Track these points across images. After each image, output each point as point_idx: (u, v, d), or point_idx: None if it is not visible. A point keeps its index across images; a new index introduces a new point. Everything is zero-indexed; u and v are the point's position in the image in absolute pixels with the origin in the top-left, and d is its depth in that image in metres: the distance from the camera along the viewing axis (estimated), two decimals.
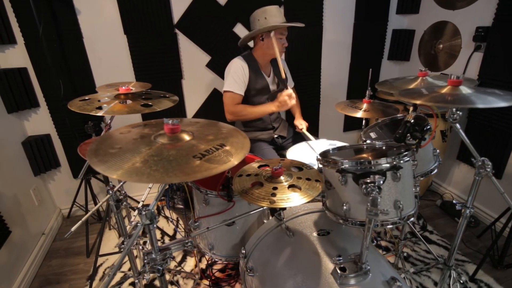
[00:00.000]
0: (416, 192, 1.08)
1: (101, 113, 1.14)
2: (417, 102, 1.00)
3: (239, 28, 2.20)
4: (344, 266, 0.96)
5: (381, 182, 0.92)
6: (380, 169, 0.96)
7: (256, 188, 1.02)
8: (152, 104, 1.19)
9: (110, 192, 1.10)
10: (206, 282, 1.67)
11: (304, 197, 0.96)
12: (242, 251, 1.23)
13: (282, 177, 1.06)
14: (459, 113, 1.07)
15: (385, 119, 1.52)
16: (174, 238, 2.07)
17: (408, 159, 1.00)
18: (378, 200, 0.85)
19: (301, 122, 2.02)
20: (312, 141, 1.84)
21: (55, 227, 2.23)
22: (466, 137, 1.10)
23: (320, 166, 1.14)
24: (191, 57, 2.20)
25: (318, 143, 1.81)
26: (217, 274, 1.74)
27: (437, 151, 1.33)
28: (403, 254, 1.81)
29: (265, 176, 1.08)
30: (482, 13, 1.94)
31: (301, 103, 2.18)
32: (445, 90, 1.05)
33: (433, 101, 1.00)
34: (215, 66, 2.26)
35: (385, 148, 1.25)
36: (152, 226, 0.87)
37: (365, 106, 1.70)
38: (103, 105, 1.15)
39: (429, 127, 1.09)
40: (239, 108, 1.79)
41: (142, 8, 1.96)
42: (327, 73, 2.57)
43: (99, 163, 0.70)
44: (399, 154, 0.98)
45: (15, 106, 1.89)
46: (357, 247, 1.11)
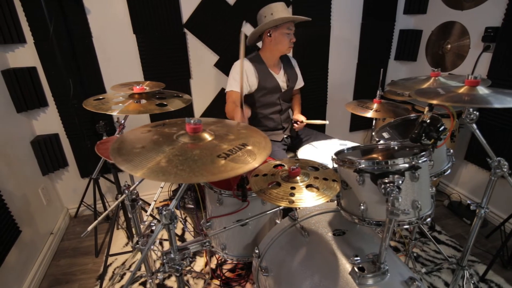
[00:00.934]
0: (432, 192, 1.08)
1: (115, 113, 1.14)
2: (434, 102, 1.00)
3: (247, 28, 2.20)
4: (362, 266, 0.96)
5: (400, 182, 0.92)
6: (398, 169, 0.96)
7: (274, 188, 1.02)
8: (167, 104, 1.19)
9: (126, 191, 1.10)
10: (216, 282, 1.67)
11: (323, 197, 0.96)
12: (256, 251, 1.23)
13: (298, 177, 1.06)
14: (476, 113, 1.07)
15: (397, 119, 1.52)
16: (182, 237, 2.07)
17: (425, 159, 1.00)
18: (399, 200, 0.85)
19: (300, 116, 1.97)
20: (323, 141, 1.82)
21: (62, 226, 2.23)
22: (482, 138, 1.10)
23: (335, 166, 1.15)
24: (199, 56, 2.20)
25: (327, 144, 1.80)
26: (227, 274, 1.74)
27: (451, 151, 1.34)
28: (413, 255, 1.81)
29: (281, 176, 1.08)
30: (492, 13, 1.94)
31: (308, 102, 2.18)
32: (462, 90, 1.05)
33: (451, 101, 1.00)
34: (223, 66, 2.26)
35: (397, 148, 1.25)
36: (172, 226, 0.87)
37: (375, 106, 1.70)
38: (119, 104, 1.15)
39: (444, 127, 1.09)
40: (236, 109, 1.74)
41: (152, 7, 1.96)
42: (334, 73, 2.57)
43: (124, 162, 0.70)
44: (416, 154, 0.98)
45: (24, 106, 1.89)
46: (373, 247, 1.11)
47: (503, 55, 1.90)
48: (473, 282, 1.41)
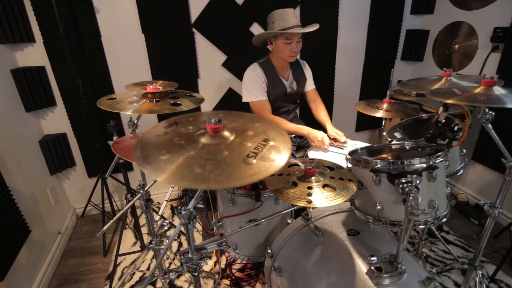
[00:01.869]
0: (447, 192, 1.08)
1: (130, 112, 1.14)
2: (450, 101, 1.00)
3: (255, 28, 2.20)
4: (380, 266, 0.96)
5: (418, 182, 0.92)
6: (415, 169, 0.96)
7: (290, 188, 1.02)
8: (181, 103, 1.19)
9: (141, 191, 1.10)
10: (226, 282, 1.67)
11: (340, 197, 0.96)
12: (268, 251, 1.23)
13: (314, 177, 1.06)
14: (492, 113, 1.07)
15: (408, 119, 1.52)
16: None
17: (442, 159, 1.00)
18: (419, 200, 0.85)
19: (338, 132, 1.80)
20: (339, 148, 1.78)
21: (70, 226, 2.23)
22: (497, 138, 1.10)
23: (350, 165, 1.15)
24: (207, 56, 2.20)
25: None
26: (236, 274, 1.74)
27: (464, 151, 1.33)
28: (423, 255, 1.81)
29: (297, 176, 1.08)
30: (500, 13, 1.94)
31: None
32: (478, 90, 1.05)
33: (467, 101, 1.00)
34: (231, 66, 2.26)
35: (408, 148, 1.25)
36: (191, 226, 0.86)
37: (385, 106, 1.70)
38: (134, 104, 1.14)
39: (459, 127, 1.09)
40: (275, 120, 1.78)
41: (160, 7, 1.96)
42: (341, 73, 2.57)
43: (158, 173, 0.65)
44: (433, 155, 0.98)
45: (33, 105, 1.89)
46: (388, 247, 1.11)
47: None
48: (485, 282, 1.41)
